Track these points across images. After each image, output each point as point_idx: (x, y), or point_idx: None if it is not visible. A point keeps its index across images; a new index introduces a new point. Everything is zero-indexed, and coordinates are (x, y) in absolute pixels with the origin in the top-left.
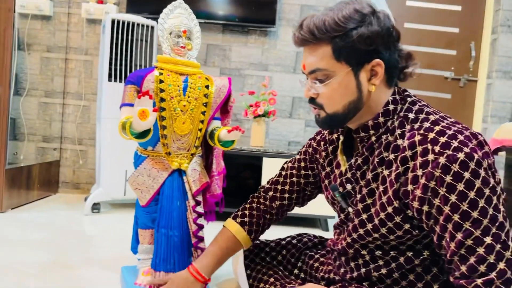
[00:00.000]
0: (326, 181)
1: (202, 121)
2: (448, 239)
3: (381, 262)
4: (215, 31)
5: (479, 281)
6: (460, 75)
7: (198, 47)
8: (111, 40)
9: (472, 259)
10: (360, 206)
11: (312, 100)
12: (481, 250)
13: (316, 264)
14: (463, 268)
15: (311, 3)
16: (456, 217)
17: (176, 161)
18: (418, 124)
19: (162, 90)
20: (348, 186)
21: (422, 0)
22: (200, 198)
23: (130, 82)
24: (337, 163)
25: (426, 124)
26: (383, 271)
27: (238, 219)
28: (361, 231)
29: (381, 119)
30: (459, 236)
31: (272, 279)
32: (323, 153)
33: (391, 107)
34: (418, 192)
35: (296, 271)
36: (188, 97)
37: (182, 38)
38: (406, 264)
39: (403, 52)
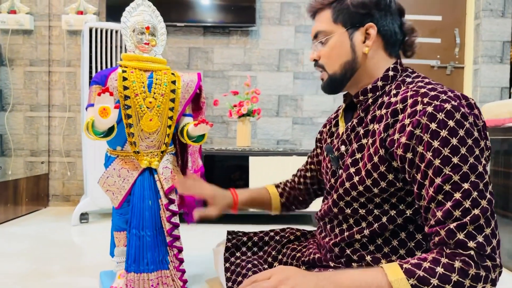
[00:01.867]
0: (325, 153)
1: (170, 118)
2: (427, 185)
3: (364, 224)
4: (196, 34)
5: (452, 225)
6: (446, 62)
7: (164, 43)
8: (90, 49)
9: (448, 204)
10: (349, 160)
11: (316, 62)
12: (457, 195)
13: (298, 255)
14: (439, 214)
15: (290, 0)
16: (437, 161)
17: (145, 159)
18: (413, 84)
19: (126, 88)
20: (342, 148)
21: None
22: (174, 196)
23: (95, 82)
24: (337, 132)
25: (421, 84)
26: (366, 232)
27: (272, 184)
28: (347, 184)
29: (379, 83)
30: (438, 180)
31: (250, 273)
32: (327, 128)
33: (391, 73)
34: (403, 139)
35: (276, 264)
36: (154, 93)
37: (146, 34)
38: (389, 223)
39: (406, 25)
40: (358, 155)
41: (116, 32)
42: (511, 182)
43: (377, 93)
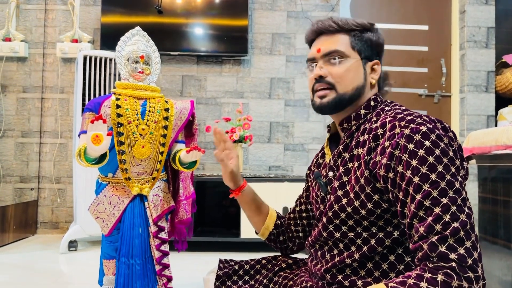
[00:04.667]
0: (314, 182)
1: (163, 144)
2: (409, 203)
3: (353, 248)
4: (190, 62)
5: (433, 239)
6: (433, 91)
7: (158, 72)
8: (83, 76)
9: (429, 219)
10: (336, 184)
11: (321, 79)
12: (437, 210)
13: (290, 283)
14: (421, 229)
15: (281, 31)
16: (416, 179)
17: (137, 186)
18: (391, 111)
19: (119, 115)
20: (330, 174)
21: (390, 22)
22: (164, 223)
23: (88, 110)
24: (324, 161)
25: (398, 110)
26: (356, 256)
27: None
28: (336, 206)
29: (362, 111)
30: (418, 196)
31: None
32: (314, 161)
33: (372, 103)
34: (384, 161)
35: None
36: (147, 120)
37: (140, 63)
38: (378, 245)
39: (383, 72)
40: (345, 179)
41: (110, 60)
42: (499, 209)
43: (360, 121)
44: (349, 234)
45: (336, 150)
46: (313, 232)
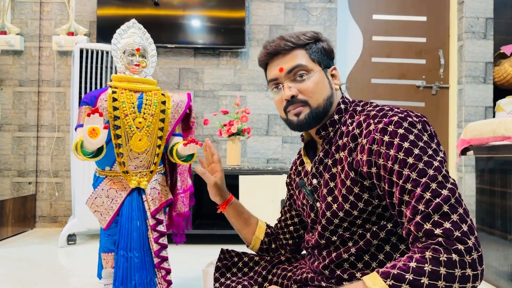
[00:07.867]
0: (297, 190)
1: (160, 137)
2: (394, 190)
3: (350, 243)
4: (187, 55)
5: (418, 218)
6: (431, 83)
7: (154, 65)
8: (80, 69)
9: (413, 201)
10: (324, 191)
11: (293, 98)
12: (418, 190)
13: (289, 274)
14: (408, 213)
15: (279, 23)
16: (396, 167)
17: (134, 179)
18: (364, 111)
19: (115, 108)
20: (314, 181)
21: (388, 13)
22: (162, 216)
23: (84, 103)
24: (305, 170)
25: (370, 108)
26: (353, 250)
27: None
28: (328, 213)
29: (335, 117)
30: (400, 182)
31: None
32: (293, 168)
33: (342, 106)
34: (365, 157)
35: (266, 284)
36: (144, 113)
37: (136, 56)
38: (373, 238)
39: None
40: (332, 184)
41: (107, 53)
42: (496, 200)
43: (336, 126)
44: (345, 234)
45: (316, 158)
46: (309, 238)
